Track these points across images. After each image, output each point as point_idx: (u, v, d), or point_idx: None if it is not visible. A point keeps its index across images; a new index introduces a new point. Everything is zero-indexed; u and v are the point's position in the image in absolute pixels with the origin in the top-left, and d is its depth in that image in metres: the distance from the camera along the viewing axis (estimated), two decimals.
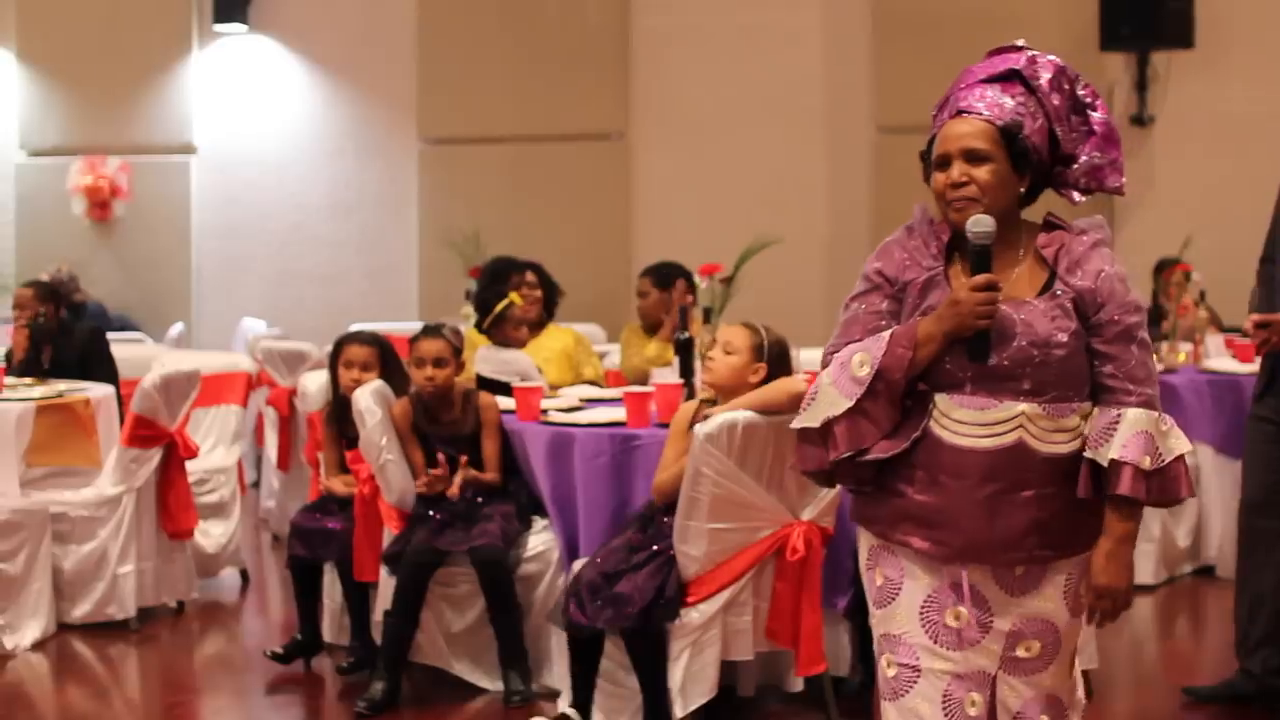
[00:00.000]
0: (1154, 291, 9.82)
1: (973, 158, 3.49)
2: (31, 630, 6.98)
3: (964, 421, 3.47)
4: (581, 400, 6.87)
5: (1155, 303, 9.51)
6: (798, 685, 5.82)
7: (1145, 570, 7.96)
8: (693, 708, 5.45)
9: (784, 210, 11.21)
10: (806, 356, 6.87)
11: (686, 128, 12.08)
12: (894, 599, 3.61)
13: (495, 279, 7.83)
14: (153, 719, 6.30)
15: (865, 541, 3.69)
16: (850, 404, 3.48)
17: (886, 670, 3.62)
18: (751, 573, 5.48)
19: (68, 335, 8.32)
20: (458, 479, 6.16)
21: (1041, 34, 11.16)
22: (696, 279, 7.91)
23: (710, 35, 12.04)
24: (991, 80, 3.57)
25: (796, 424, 3.59)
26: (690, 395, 6.19)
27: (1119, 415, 3.44)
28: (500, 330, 7.58)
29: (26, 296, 8.38)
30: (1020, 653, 3.57)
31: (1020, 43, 3.63)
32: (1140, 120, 11.48)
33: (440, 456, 6.21)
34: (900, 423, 3.51)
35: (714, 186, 11.94)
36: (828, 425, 3.52)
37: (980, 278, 3.44)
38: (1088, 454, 3.46)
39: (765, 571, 5.51)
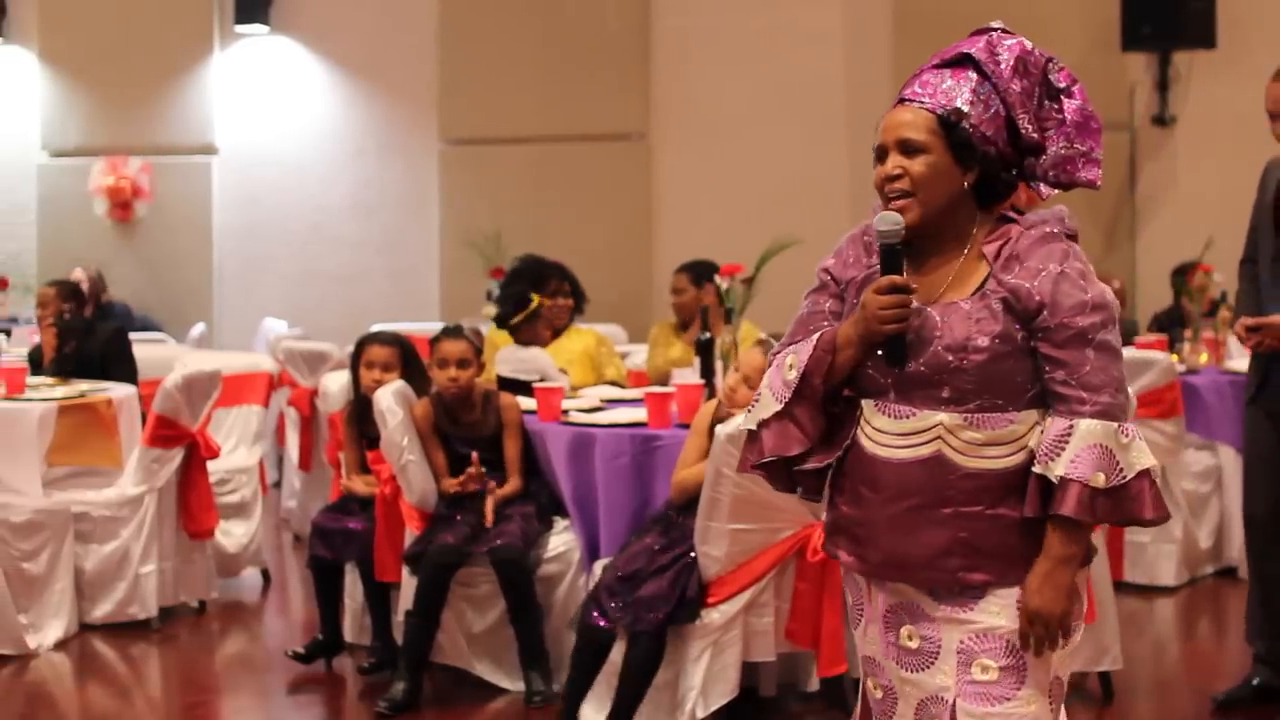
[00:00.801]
0: (1175, 294, 9.79)
1: (907, 149, 3.21)
2: (54, 630, 7.00)
3: (883, 430, 3.22)
4: (602, 400, 6.87)
5: (1178, 305, 9.48)
6: (817, 685, 5.81)
7: (1167, 571, 7.94)
8: (714, 708, 5.45)
9: (805, 210, 11.19)
10: None
11: (707, 128, 12.07)
12: (860, 619, 3.40)
13: (529, 278, 7.78)
14: (174, 719, 6.32)
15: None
16: (779, 407, 3.27)
17: (874, 692, 3.37)
18: (773, 573, 5.48)
19: (90, 334, 8.34)
20: (489, 507, 6.15)
21: (1063, 34, 11.16)
22: (717, 279, 7.92)
23: (731, 35, 12.03)
24: (943, 66, 3.30)
25: (742, 425, 3.46)
26: (711, 395, 6.18)
27: (1070, 427, 3.11)
28: (529, 329, 7.58)
29: (49, 295, 8.41)
30: (976, 673, 3.21)
31: (996, 24, 3.35)
32: (1162, 120, 11.45)
33: (474, 455, 6.22)
34: (835, 430, 3.29)
35: (735, 187, 11.93)
36: (758, 429, 3.32)
37: (884, 280, 3.17)
38: (1036, 469, 3.15)
39: (786, 572, 5.51)
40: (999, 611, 3.20)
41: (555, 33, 12.36)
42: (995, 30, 3.32)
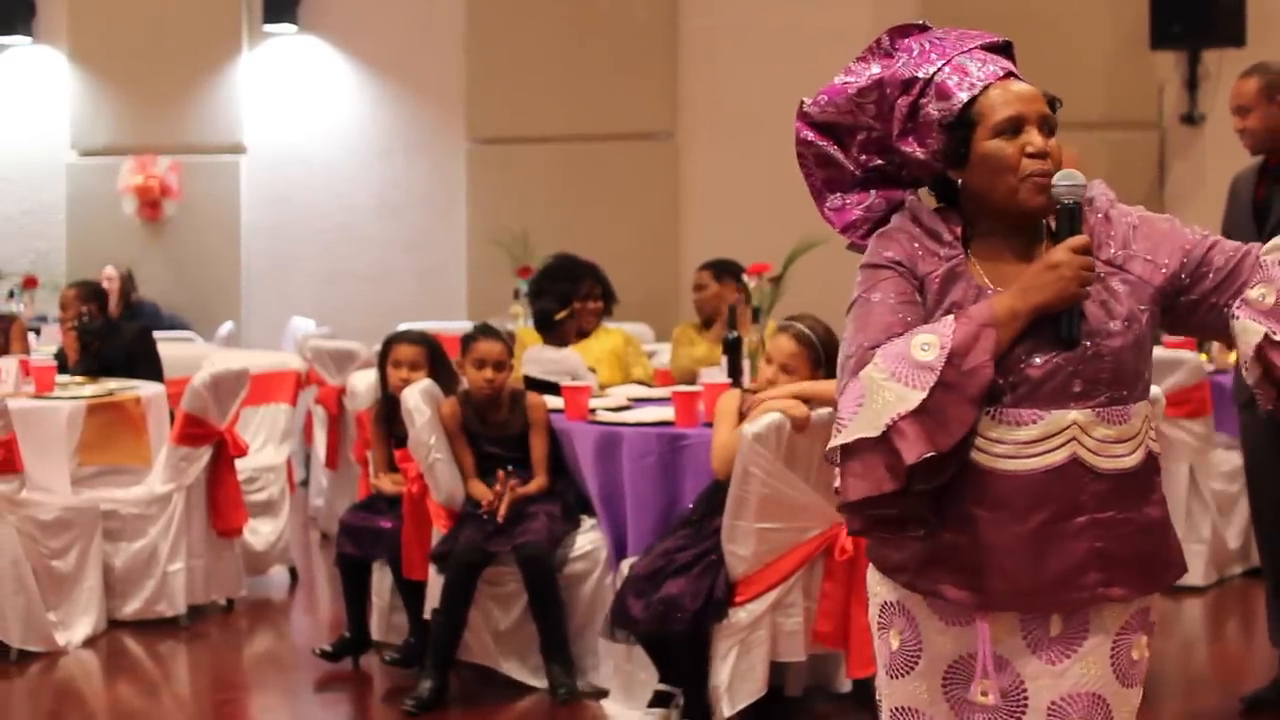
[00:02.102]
0: None
1: (1047, 126, 2.97)
2: (82, 627, 7.02)
3: (1001, 440, 2.90)
4: (629, 399, 6.86)
5: None
6: (846, 686, 5.80)
7: (1196, 571, 7.92)
8: (740, 707, 5.45)
9: None
10: None
11: (735, 127, 12.06)
12: (913, 668, 3.03)
13: (565, 279, 7.77)
14: (202, 716, 6.33)
15: (877, 598, 3.10)
16: (924, 394, 2.79)
17: None
18: (800, 573, 5.47)
19: (115, 334, 8.36)
20: (504, 505, 6.15)
21: (1092, 32, 11.14)
22: (745, 279, 7.90)
23: (759, 35, 12.02)
24: (993, 49, 3.09)
25: (845, 438, 2.87)
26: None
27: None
28: (561, 332, 7.57)
29: (70, 297, 8.45)
30: None
31: (922, 21, 3.14)
32: (1191, 119, 11.40)
33: (500, 474, 6.21)
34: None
35: (762, 186, 11.90)
36: (888, 433, 2.81)
37: (1080, 239, 2.89)
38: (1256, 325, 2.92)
39: (814, 572, 5.50)
40: (1095, 662, 2.97)
41: (583, 32, 12.36)
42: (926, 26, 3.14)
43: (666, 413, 6.21)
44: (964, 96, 2.98)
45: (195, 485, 7.40)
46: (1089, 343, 2.91)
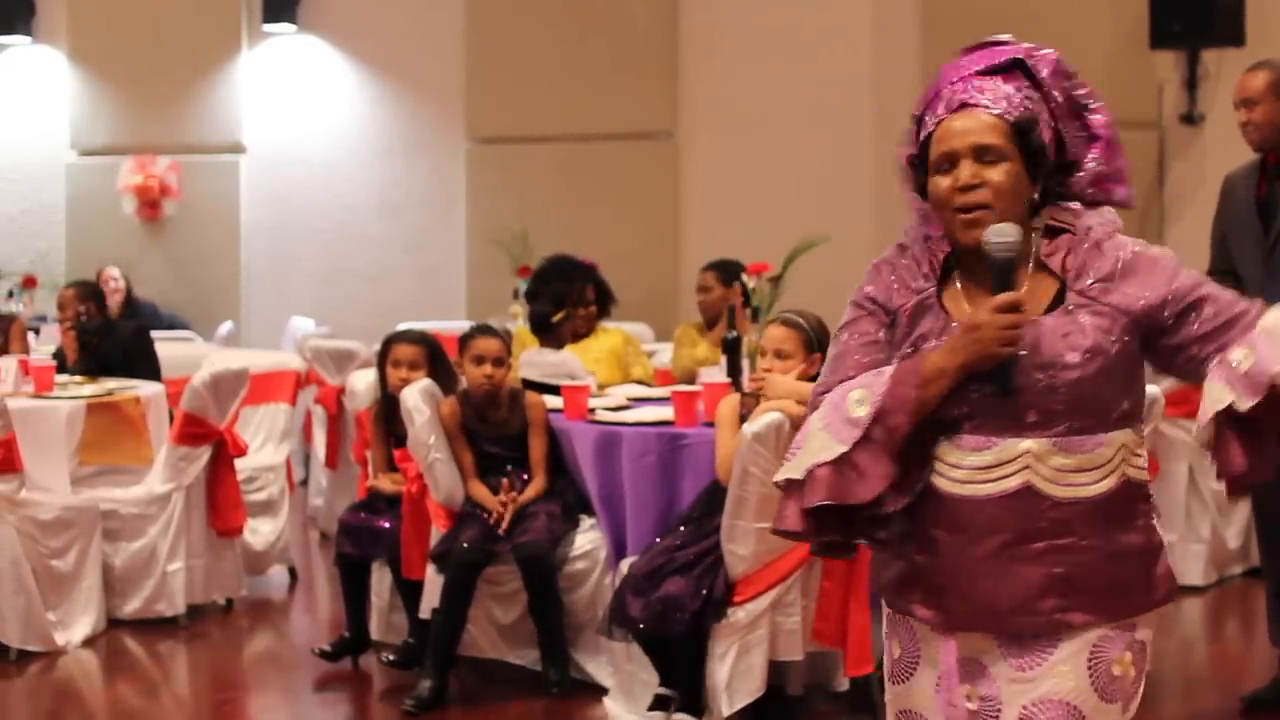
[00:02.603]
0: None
1: (985, 155, 2.96)
2: (82, 626, 7.02)
3: (958, 466, 2.95)
4: (629, 399, 6.86)
5: None
6: (845, 684, 5.80)
7: (1195, 572, 7.93)
8: (739, 706, 5.45)
9: (832, 210, 11.18)
10: None
11: (735, 127, 12.06)
12: (911, 675, 3.12)
13: (560, 281, 7.76)
14: (201, 716, 6.33)
15: (884, 612, 3.20)
16: (845, 449, 2.92)
17: None
18: (799, 572, 5.47)
19: (111, 334, 8.36)
20: (506, 519, 6.14)
21: (1091, 32, 11.13)
22: (745, 278, 7.89)
23: (759, 34, 12.01)
24: (991, 72, 3.06)
25: (779, 476, 3.01)
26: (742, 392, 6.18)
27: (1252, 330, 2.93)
28: (558, 334, 7.57)
29: (68, 297, 8.46)
30: None
31: (1005, 37, 3.15)
32: (1190, 119, 11.40)
33: (504, 483, 6.21)
34: (906, 473, 2.97)
35: (762, 186, 11.91)
36: (809, 473, 2.95)
37: (1004, 297, 2.91)
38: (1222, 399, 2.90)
39: (813, 571, 5.50)
40: (1069, 671, 2.97)
41: (583, 31, 12.36)
42: (1010, 42, 3.14)
43: (666, 412, 6.22)
44: (923, 135, 3.07)
45: (195, 485, 7.40)
46: (1041, 375, 2.92)
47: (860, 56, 11.85)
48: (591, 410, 6.43)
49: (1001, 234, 2.93)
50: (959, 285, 3.05)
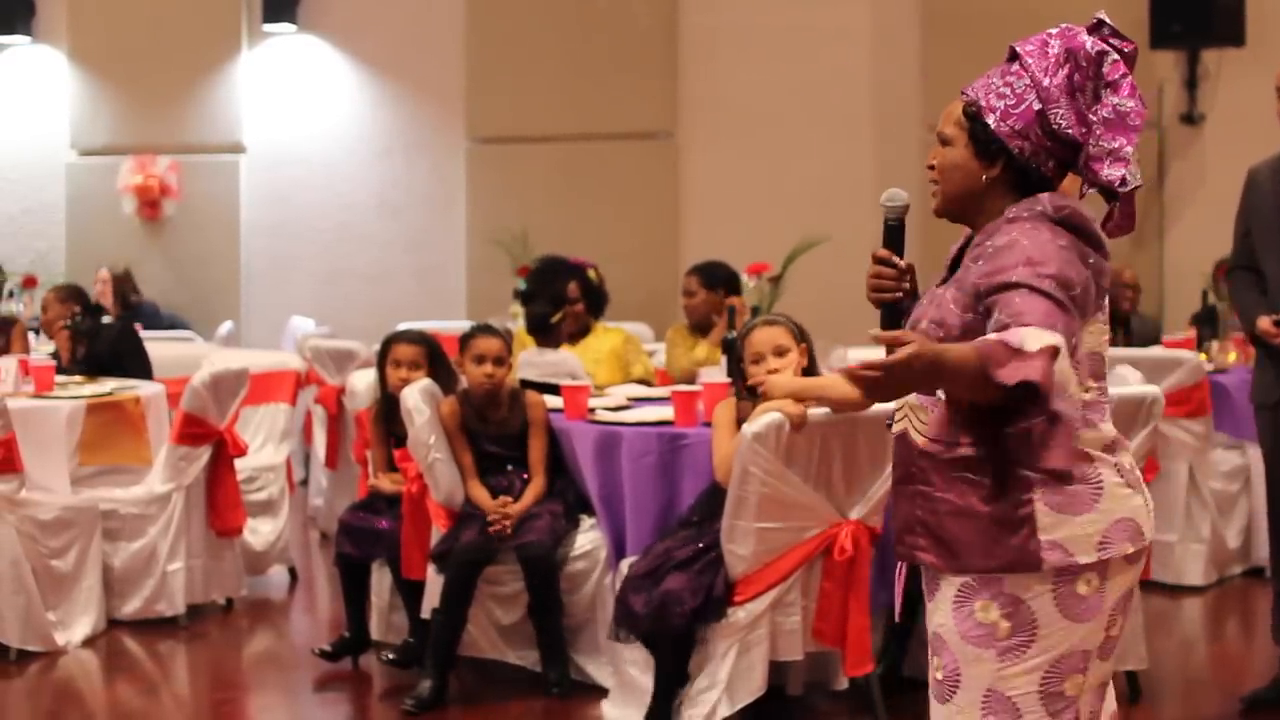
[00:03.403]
0: (1204, 291, 9.75)
1: (942, 140, 3.35)
2: (82, 627, 7.02)
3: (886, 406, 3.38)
4: (629, 399, 6.86)
5: (1204, 303, 9.43)
6: (844, 684, 5.80)
7: (1195, 571, 7.93)
8: (739, 706, 5.45)
9: (832, 209, 11.18)
10: (855, 355, 6.85)
11: (735, 127, 12.06)
12: None
13: (553, 281, 7.76)
14: (201, 716, 6.34)
15: None
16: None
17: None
18: (799, 572, 5.47)
19: (98, 335, 8.35)
20: (508, 528, 6.14)
21: None
22: (744, 278, 7.89)
23: (759, 34, 12.02)
24: (1007, 61, 3.32)
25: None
26: (739, 395, 6.17)
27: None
28: (556, 335, 7.56)
29: (49, 300, 8.50)
30: (935, 673, 3.26)
31: (1102, 14, 3.39)
32: (1190, 119, 11.41)
33: (504, 499, 6.21)
34: None
35: (762, 186, 11.92)
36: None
37: (881, 251, 3.40)
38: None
39: (813, 571, 5.50)
40: (939, 606, 3.23)
41: (583, 31, 12.36)
42: (1066, 27, 3.33)
43: (666, 412, 6.21)
44: None
45: (195, 485, 7.40)
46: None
47: (860, 56, 11.85)
48: (591, 410, 6.43)
49: (892, 198, 3.41)
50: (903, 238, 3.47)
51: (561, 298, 7.64)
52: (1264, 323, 5.86)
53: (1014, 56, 3.29)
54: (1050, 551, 3.13)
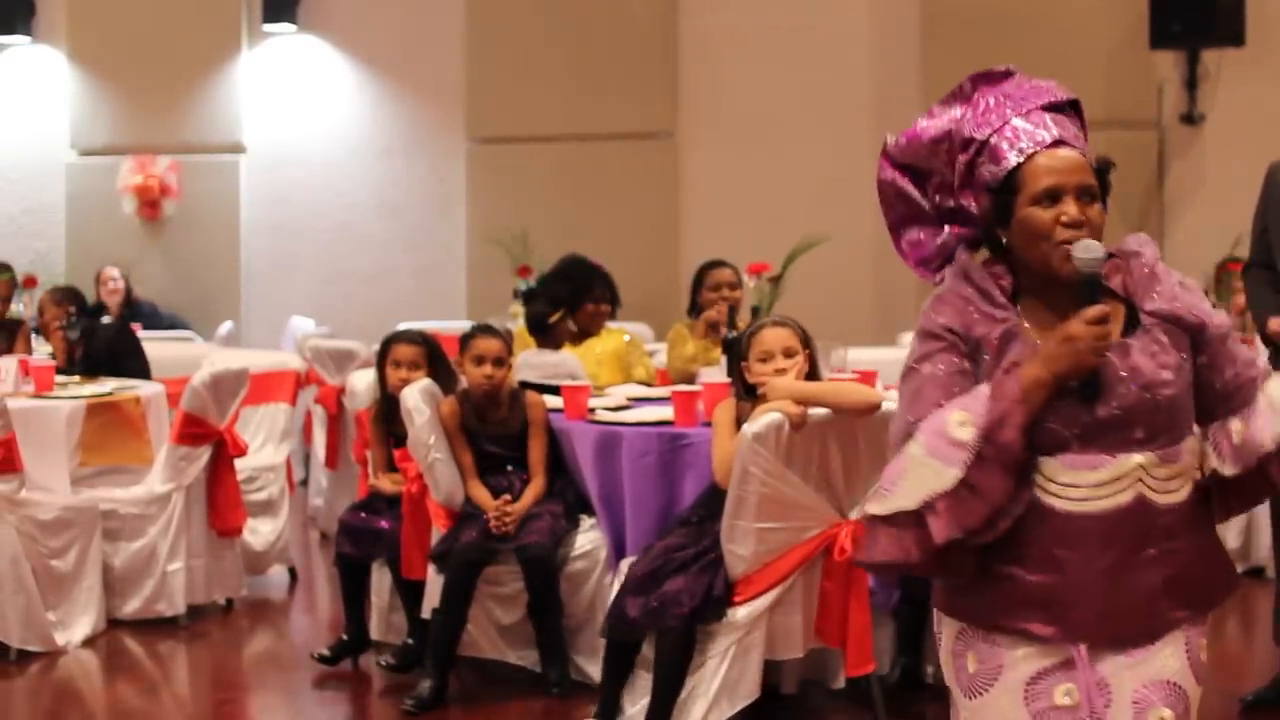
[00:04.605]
0: (1205, 291, 9.75)
1: (1086, 195, 3.11)
2: (82, 626, 7.02)
3: (1075, 485, 3.07)
4: (629, 399, 6.86)
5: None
6: (841, 682, 5.80)
7: None
8: (739, 707, 5.44)
9: (832, 210, 11.18)
10: (854, 356, 6.85)
11: (735, 127, 12.07)
12: (990, 687, 3.18)
13: (575, 281, 7.73)
14: (201, 716, 6.33)
15: (952, 629, 3.25)
16: (959, 473, 2.99)
17: None
18: (799, 572, 5.47)
19: (94, 335, 8.35)
20: (510, 528, 6.13)
21: (1091, 32, 11.13)
22: (744, 277, 7.87)
23: (759, 34, 12.02)
24: (1053, 109, 3.22)
25: (883, 508, 3.08)
26: (739, 395, 6.17)
27: (1261, 399, 3.14)
28: (554, 335, 7.54)
29: (45, 302, 8.52)
30: None
31: (1006, 67, 3.30)
32: (1190, 119, 11.41)
33: (505, 498, 6.20)
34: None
35: (762, 186, 11.92)
36: (922, 510, 3.03)
37: (1096, 310, 3.04)
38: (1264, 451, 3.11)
39: (813, 571, 5.50)
40: (1171, 654, 3.16)
41: (583, 31, 12.36)
42: (1009, 71, 3.30)
43: (666, 412, 6.21)
44: (1011, 163, 3.15)
45: (195, 485, 7.40)
46: (1148, 394, 3.08)
47: (860, 56, 11.85)
48: (591, 410, 6.43)
49: (1089, 250, 3.05)
50: (1025, 316, 3.17)
51: (561, 299, 7.62)
52: (1275, 324, 5.85)
53: (1065, 109, 3.23)
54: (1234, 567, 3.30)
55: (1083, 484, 3.07)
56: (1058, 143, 3.15)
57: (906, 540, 3.06)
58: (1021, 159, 3.14)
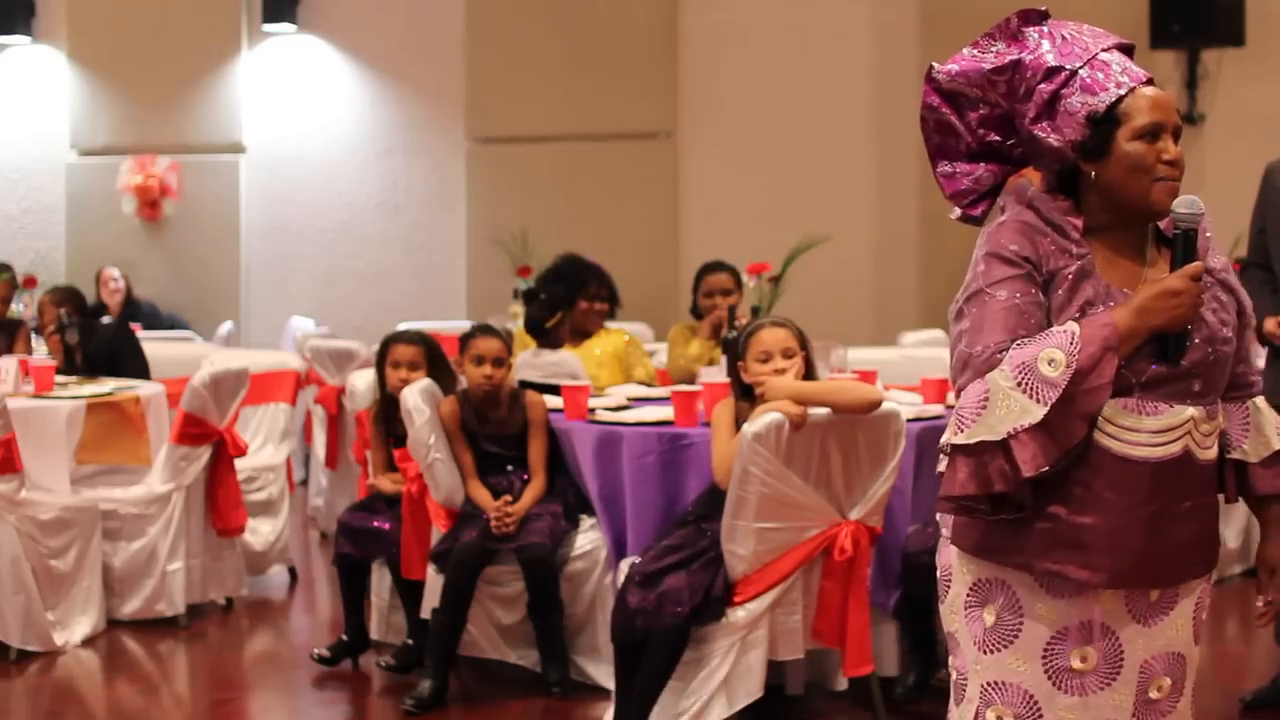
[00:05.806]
0: None
1: (1179, 136, 3.20)
2: (81, 627, 7.02)
3: (1133, 429, 3.07)
4: (629, 399, 6.86)
5: None
6: (844, 684, 5.80)
7: None
8: (739, 707, 5.44)
9: (832, 209, 11.19)
10: (855, 356, 6.85)
11: (735, 127, 12.07)
12: (1011, 642, 3.17)
13: (571, 280, 7.72)
14: (201, 716, 6.33)
15: (967, 577, 3.22)
16: (1045, 410, 2.97)
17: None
18: (799, 572, 5.46)
19: (92, 335, 8.35)
20: (511, 523, 6.13)
21: None
22: (744, 278, 7.87)
23: (758, 34, 12.02)
24: (1122, 49, 3.28)
25: (966, 439, 3.05)
26: (738, 395, 6.17)
27: (1248, 407, 3.29)
28: (553, 336, 7.53)
29: (44, 303, 8.53)
30: (1153, 694, 3.21)
31: (1044, 9, 3.32)
32: (1190, 118, 11.41)
33: (505, 499, 6.20)
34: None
35: (762, 185, 11.92)
36: (1007, 440, 3.01)
37: (1196, 265, 3.08)
38: (1234, 455, 3.27)
39: (813, 571, 5.50)
40: (1182, 623, 3.24)
41: (583, 31, 12.37)
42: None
43: (666, 412, 6.21)
44: (1113, 94, 3.15)
45: (195, 485, 7.40)
46: (1210, 349, 3.12)
47: (860, 56, 11.85)
48: (591, 410, 6.43)
49: (1191, 205, 3.13)
50: (1099, 253, 3.16)
51: (558, 302, 7.60)
52: (1270, 324, 5.85)
53: (1130, 50, 3.28)
54: None
55: (1141, 429, 3.08)
56: (1150, 81, 3.19)
57: (990, 472, 3.03)
58: (1123, 92, 3.15)
